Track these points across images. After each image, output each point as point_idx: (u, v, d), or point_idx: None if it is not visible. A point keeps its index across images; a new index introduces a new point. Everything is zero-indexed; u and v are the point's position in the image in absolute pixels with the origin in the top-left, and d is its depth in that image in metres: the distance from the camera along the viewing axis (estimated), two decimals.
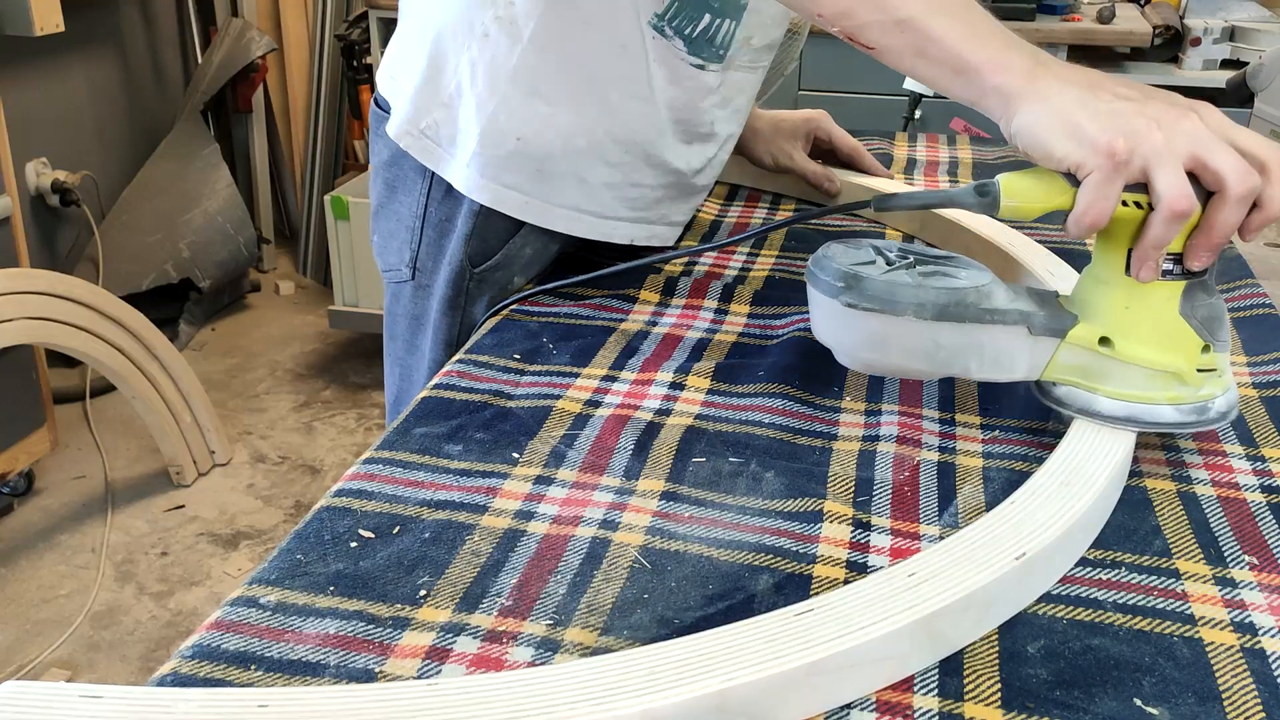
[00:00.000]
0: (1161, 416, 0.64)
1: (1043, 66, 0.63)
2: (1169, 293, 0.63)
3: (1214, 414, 0.65)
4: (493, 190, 0.88)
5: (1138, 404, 0.64)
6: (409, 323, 0.96)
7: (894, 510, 0.62)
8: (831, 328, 0.67)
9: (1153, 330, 0.64)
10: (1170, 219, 0.59)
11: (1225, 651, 0.51)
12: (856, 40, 0.67)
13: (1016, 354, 0.65)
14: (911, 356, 0.65)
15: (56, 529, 2.21)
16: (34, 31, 2.28)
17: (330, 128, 3.23)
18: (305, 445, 2.54)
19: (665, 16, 0.83)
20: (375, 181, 0.97)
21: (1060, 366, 0.65)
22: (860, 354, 0.66)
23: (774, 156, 1.13)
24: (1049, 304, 0.66)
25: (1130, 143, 0.58)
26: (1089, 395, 0.65)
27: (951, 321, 0.63)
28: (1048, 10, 2.69)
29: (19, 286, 2.00)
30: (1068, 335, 0.64)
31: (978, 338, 0.64)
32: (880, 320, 0.63)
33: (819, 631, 0.47)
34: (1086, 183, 0.59)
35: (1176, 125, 0.59)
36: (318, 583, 0.55)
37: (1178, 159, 0.58)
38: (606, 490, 0.64)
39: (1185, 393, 0.64)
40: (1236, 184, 0.58)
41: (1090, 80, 0.62)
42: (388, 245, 0.96)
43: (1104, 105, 0.60)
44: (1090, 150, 0.59)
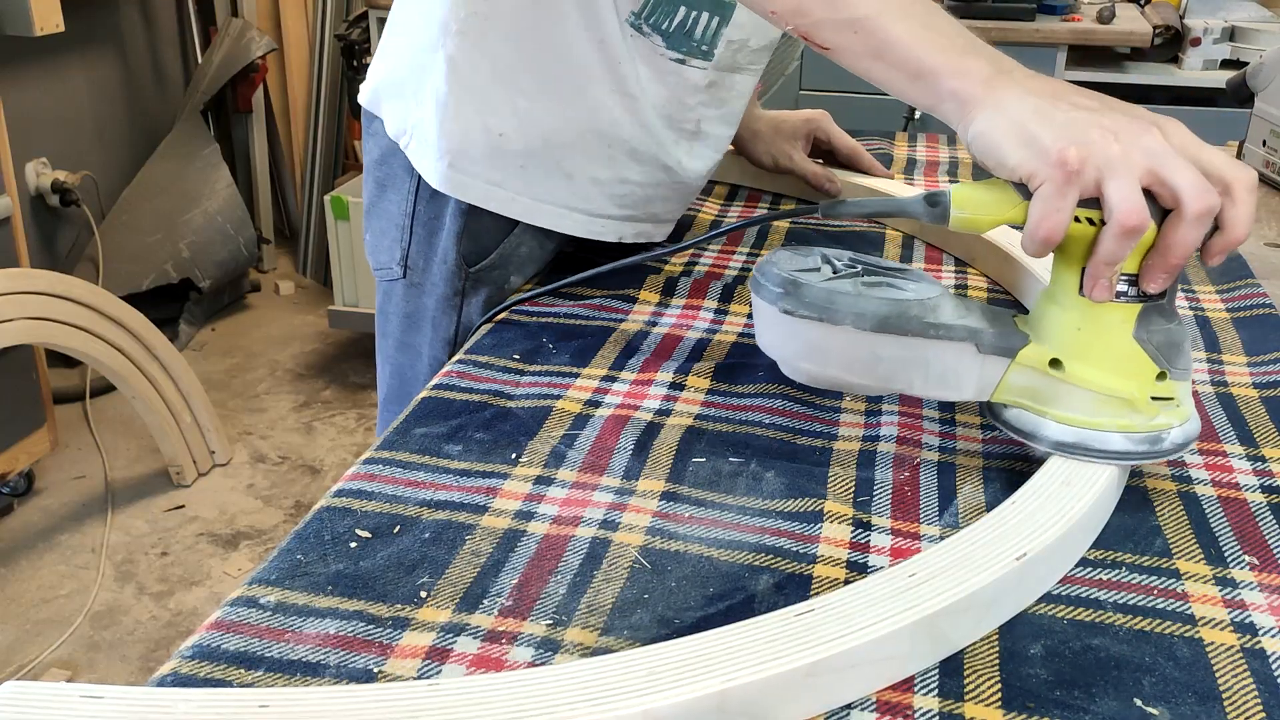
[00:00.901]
0: (1110, 444, 0.61)
1: (1003, 74, 0.61)
2: (1123, 315, 0.60)
3: (1168, 445, 0.61)
4: (479, 188, 0.88)
5: (1086, 430, 0.61)
6: (401, 321, 0.96)
7: (894, 510, 0.62)
8: (772, 336, 0.64)
9: (1104, 354, 0.61)
10: (1121, 234, 0.56)
11: (1225, 651, 0.51)
12: (811, 40, 0.65)
13: (964, 372, 0.62)
14: (851, 369, 0.62)
15: (56, 529, 2.21)
16: (34, 31, 2.28)
17: (330, 128, 3.23)
18: (305, 445, 2.54)
19: (642, 14, 0.83)
20: (366, 180, 0.97)
21: (1011, 388, 0.63)
22: (800, 364, 0.64)
23: (774, 157, 1.13)
24: (1001, 322, 0.63)
25: (1083, 153, 0.55)
26: (1037, 419, 0.62)
27: (892, 334, 0.60)
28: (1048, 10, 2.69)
29: (19, 286, 2.00)
30: (1017, 356, 0.62)
31: (921, 352, 0.61)
32: (818, 329, 0.61)
33: (819, 631, 0.47)
34: (1038, 194, 0.57)
35: (1135, 139, 0.56)
36: (318, 583, 0.55)
37: (1133, 173, 0.55)
38: (606, 490, 0.64)
39: (1137, 421, 0.61)
40: (1193, 202, 0.55)
41: (1052, 89, 0.60)
42: (379, 244, 0.96)
43: (1061, 115, 0.57)
44: (1043, 159, 0.56)
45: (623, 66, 0.84)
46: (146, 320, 2.25)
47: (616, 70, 0.84)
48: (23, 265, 2.14)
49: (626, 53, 0.83)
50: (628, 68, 0.84)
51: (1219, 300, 0.92)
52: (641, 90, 0.86)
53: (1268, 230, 1.15)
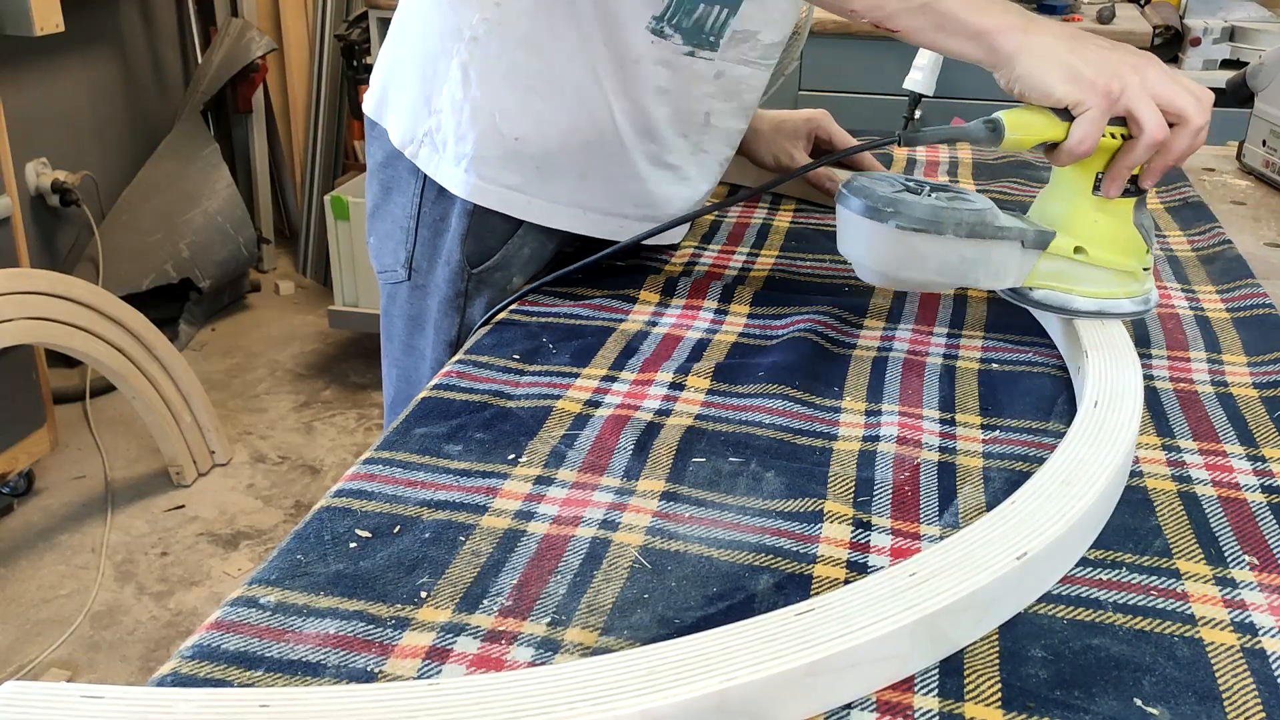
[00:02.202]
0: (1123, 308, 0.78)
1: (1034, 23, 0.75)
2: (1127, 207, 0.77)
3: (1152, 303, 0.80)
4: (495, 193, 0.88)
5: (1106, 299, 0.77)
6: (406, 323, 0.96)
7: (894, 510, 0.62)
8: (874, 248, 0.75)
9: (1115, 238, 0.77)
10: (1151, 146, 0.73)
11: (1225, 651, 0.51)
12: (884, 26, 0.78)
13: (1010, 264, 0.76)
14: (942, 270, 0.75)
15: (56, 529, 2.21)
16: (34, 31, 2.28)
17: (330, 128, 3.23)
18: (305, 445, 2.54)
19: (663, 18, 0.83)
20: (371, 183, 0.97)
21: (1040, 274, 0.77)
22: (899, 272, 0.76)
23: (775, 156, 1.13)
24: (1029, 222, 0.77)
25: (1120, 83, 0.71)
26: (1066, 295, 0.77)
27: (978, 239, 0.74)
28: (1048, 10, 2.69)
29: (19, 286, 2.00)
30: (1049, 246, 0.76)
31: (988, 252, 0.75)
32: (924, 240, 0.73)
33: (819, 631, 0.47)
34: (1084, 117, 0.72)
35: (1145, 70, 0.73)
36: (318, 583, 0.55)
37: (1150, 97, 0.72)
38: (606, 490, 0.64)
39: (1137, 288, 0.79)
40: (1195, 117, 0.73)
41: (1071, 33, 0.75)
42: (383, 246, 0.96)
43: (1091, 53, 0.73)
44: (1090, 90, 0.71)
45: (637, 69, 0.84)
46: (146, 320, 2.25)
47: (629, 72, 0.84)
48: (23, 265, 2.14)
49: (643, 56, 0.84)
50: (643, 70, 0.84)
51: (1219, 300, 0.92)
52: (654, 90, 0.86)
53: (1267, 230, 1.15)
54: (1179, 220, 1.11)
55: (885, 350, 0.82)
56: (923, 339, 0.84)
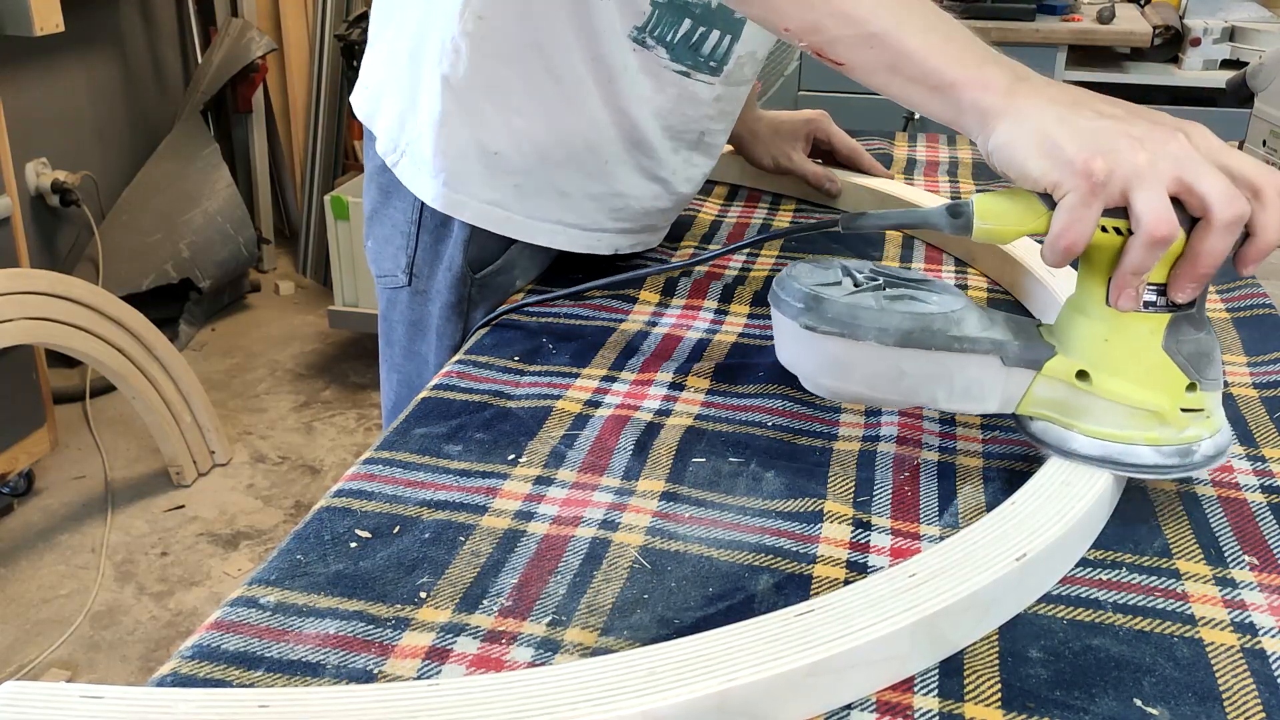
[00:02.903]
0: (1140, 458, 0.60)
1: (1023, 82, 0.60)
2: (1152, 326, 0.59)
3: (1199, 458, 0.60)
4: (474, 208, 0.87)
5: (1115, 444, 0.60)
6: (406, 329, 0.96)
7: (894, 510, 0.62)
8: (793, 351, 0.64)
9: (1133, 365, 0.59)
10: (1150, 244, 0.55)
11: (1225, 652, 0.51)
12: (825, 56, 0.64)
13: (989, 385, 0.62)
14: (875, 384, 0.62)
15: (56, 529, 2.21)
16: (34, 31, 2.28)
17: (330, 128, 3.23)
18: (305, 445, 2.54)
19: (646, 29, 0.82)
20: (369, 187, 0.96)
21: (1036, 400, 0.62)
22: (822, 379, 0.64)
23: (774, 158, 1.13)
24: (1026, 334, 0.62)
25: (1110, 162, 0.54)
26: (1064, 432, 0.61)
27: (917, 348, 0.60)
28: (1048, 10, 2.69)
29: (19, 286, 2.00)
30: (1044, 368, 0.61)
31: (946, 366, 0.61)
32: (841, 345, 0.61)
33: (819, 632, 0.47)
34: (1062, 204, 0.56)
35: (1161, 146, 0.55)
36: (317, 583, 0.55)
37: (1160, 181, 0.54)
38: (606, 490, 0.64)
39: (1166, 434, 0.60)
40: (1223, 210, 0.54)
41: (1073, 98, 0.59)
42: (382, 251, 0.95)
43: (1085, 123, 0.57)
44: (1067, 170, 0.55)
45: (621, 80, 0.83)
46: (146, 320, 2.25)
47: (614, 84, 0.83)
48: (23, 265, 2.14)
49: (626, 66, 0.83)
50: (627, 80, 0.83)
51: (1219, 300, 0.92)
52: (641, 102, 0.85)
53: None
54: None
55: None
56: None
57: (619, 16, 0.81)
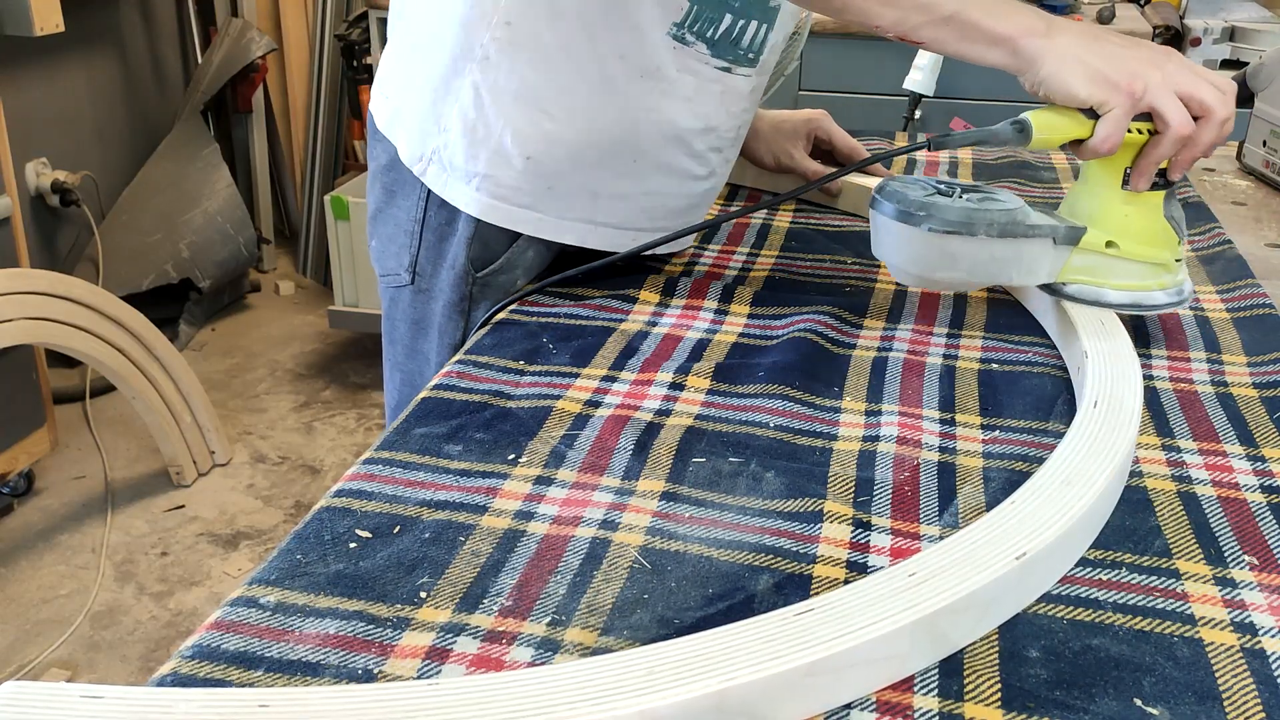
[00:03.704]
0: (1156, 300, 0.80)
1: (1055, 25, 0.76)
2: (1157, 200, 0.79)
3: (1187, 293, 0.81)
4: (505, 211, 0.88)
5: (1139, 292, 0.79)
6: (409, 327, 0.96)
7: (894, 510, 0.62)
8: (908, 251, 0.78)
9: (1146, 231, 0.79)
10: (1177, 140, 0.74)
11: (1225, 651, 0.51)
12: (910, 39, 0.78)
13: (1042, 261, 0.78)
14: (975, 270, 0.77)
15: (56, 529, 2.21)
16: (34, 31, 2.28)
17: (330, 128, 3.23)
18: (305, 445, 2.54)
19: (685, 24, 0.82)
20: (373, 186, 0.96)
21: (1072, 269, 0.79)
22: (933, 274, 0.78)
23: (775, 156, 1.13)
24: (1059, 218, 0.79)
25: (1142, 82, 0.73)
26: (1098, 289, 0.79)
27: (1007, 238, 0.76)
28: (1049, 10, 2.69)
29: (19, 286, 2.00)
30: (1080, 242, 0.78)
31: (1020, 250, 0.77)
32: (957, 241, 0.76)
33: (819, 631, 0.47)
34: (1108, 116, 0.74)
35: (1165, 66, 0.74)
36: (317, 583, 0.55)
37: (1173, 92, 0.73)
38: (606, 490, 0.64)
39: (1169, 279, 0.80)
40: (1220, 109, 0.74)
41: (1092, 33, 0.77)
42: (386, 250, 0.95)
43: (1113, 52, 0.74)
44: (1112, 90, 0.73)
45: (658, 78, 0.84)
46: (146, 320, 2.25)
47: (649, 81, 0.84)
48: (23, 265, 2.14)
49: (664, 64, 0.83)
50: (665, 79, 0.84)
51: (1219, 300, 0.92)
52: (682, 101, 0.85)
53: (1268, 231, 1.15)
54: None
55: (885, 350, 0.82)
56: (923, 339, 0.84)
57: (658, 12, 0.81)
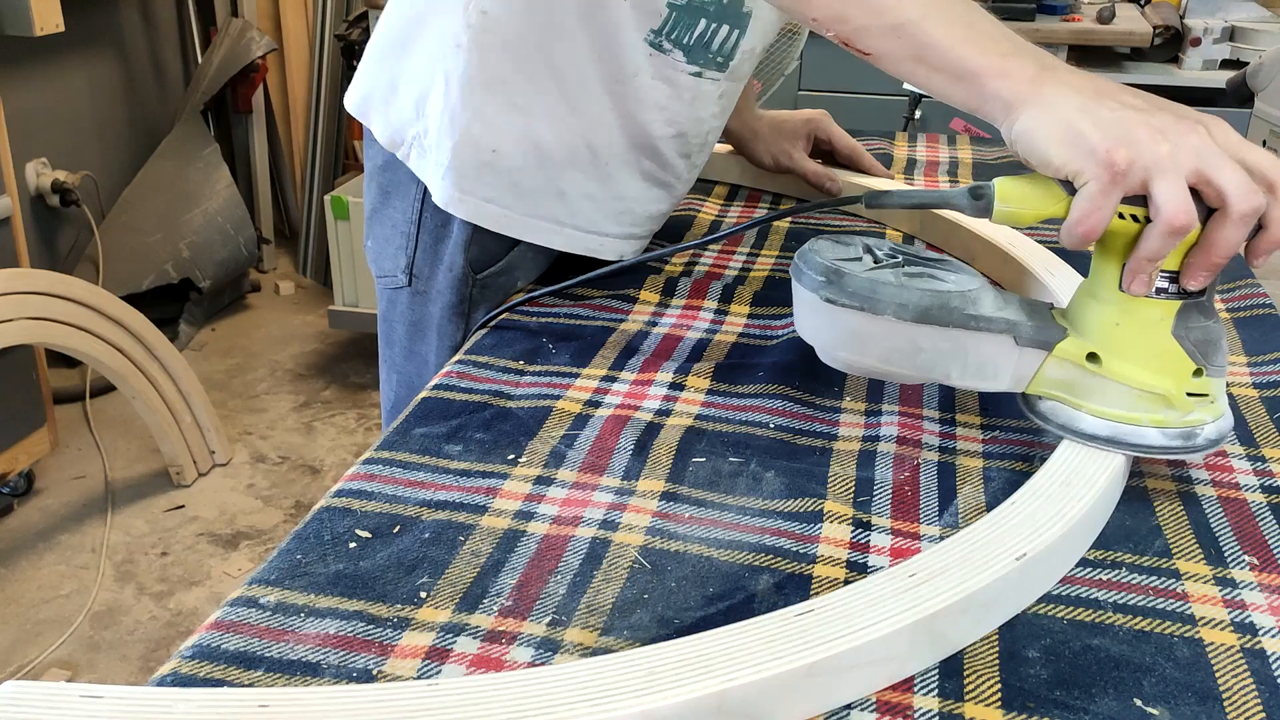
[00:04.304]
0: (1146, 439, 0.62)
1: (1048, 71, 0.61)
2: (1162, 312, 0.61)
3: (1202, 440, 0.62)
4: (471, 204, 0.87)
5: (1122, 424, 0.62)
6: (407, 329, 0.96)
7: (894, 510, 0.62)
8: (812, 323, 0.66)
9: (1142, 349, 0.61)
10: (1168, 233, 0.56)
11: (1225, 651, 0.51)
12: (851, 45, 0.66)
13: (1001, 363, 0.64)
14: (890, 358, 0.64)
15: (56, 529, 2.21)
16: (34, 31, 2.28)
17: (330, 128, 3.23)
18: (305, 445, 2.54)
19: (662, 31, 0.82)
20: (369, 186, 0.96)
21: (1046, 380, 0.64)
22: (839, 352, 0.65)
23: (774, 157, 1.13)
24: (1039, 315, 0.64)
25: (1132, 153, 0.56)
26: (1073, 412, 0.63)
27: (933, 325, 0.62)
28: (1048, 10, 2.69)
29: (19, 286, 2.00)
30: (1055, 348, 0.63)
31: (961, 343, 0.63)
32: (860, 318, 0.62)
33: (819, 632, 0.47)
34: (1083, 192, 0.57)
35: (1182, 138, 0.57)
36: (318, 583, 0.55)
37: (1180, 172, 0.56)
38: (606, 490, 0.64)
39: (1172, 416, 0.62)
40: (1239, 201, 0.56)
41: (1097, 88, 0.60)
42: (383, 251, 0.95)
43: (1108, 113, 0.58)
44: (1090, 158, 0.57)
45: (632, 83, 0.83)
46: (146, 320, 2.25)
47: (623, 86, 0.83)
48: (23, 265, 2.14)
49: (639, 70, 0.83)
50: (638, 84, 0.83)
51: (1219, 300, 0.92)
52: (653, 108, 0.85)
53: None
54: None
55: None
56: None
57: (634, 18, 0.80)
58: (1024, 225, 0.62)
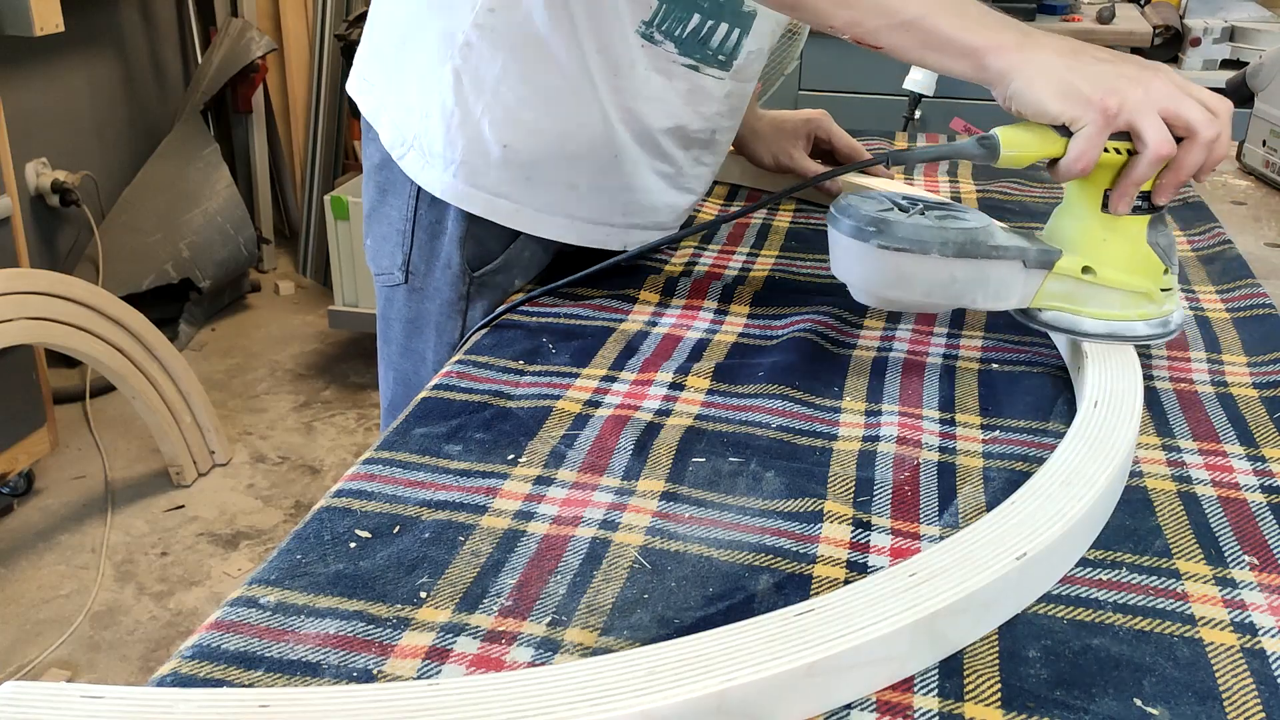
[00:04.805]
0: (1136, 331, 0.74)
1: (1029, 38, 0.72)
2: (1139, 225, 0.74)
3: (1174, 326, 0.76)
4: (483, 200, 0.87)
5: (1116, 322, 0.74)
6: (404, 326, 0.96)
7: (894, 510, 0.62)
8: (861, 269, 0.73)
9: (1126, 258, 0.74)
10: (1155, 161, 0.69)
11: (1225, 651, 0.51)
12: (865, 43, 0.74)
13: (1013, 285, 0.74)
14: (933, 292, 0.72)
15: (56, 529, 2.21)
16: (34, 31, 2.28)
17: (330, 128, 3.23)
18: (305, 445, 2.54)
19: (653, 23, 0.82)
20: (367, 185, 0.96)
21: (1047, 294, 0.74)
22: (887, 292, 0.73)
23: (775, 156, 1.13)
24: (1035, 240, 0.74)
25: (1119, 98, 0.68)
26: (1074, 317, 0.74)
27: (967, 258, 0.71)
28: (1048, 10, 2.69)
29: (19, 286, 2.00)
30: (1055, 266, 0.73)
31: (985, 271, 0.72)
32: (909, 260, 0.71)
33: (819, 631, 0.47)
34: (1081, 134, 0.69)
35: (1150, 83, 0.69)
36: (317, 583, 0.55)
37: (1155, 111, 0.68)
38: (606, 490, 0.64)
39: (1152, 310, 0.75)
40: (1204, 129, 0.68)
41: (1072, 48, 0.72)
42: (380, 249, 0.95)
43: (1090, 68, 0.70)
44: (1084, 106, 0.68)
45: (629, 76, 0.84)
46: (146, 320, 2.25)
47: (620, 79, 0.84)
48: (23, 265, 2.14)
49: (634, 62, 0.83)
50: (635, 77, 0.84)
51: (1219, 300, 0.92)
52: (651, 100, 0.85)
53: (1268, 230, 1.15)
54: (1179, 220, 1.11)
55: (885, 350, 0.82)
56: (923, 339, 0.84)
57: (627, 9, 0.81)
58: (1023, 165, 0.72)
